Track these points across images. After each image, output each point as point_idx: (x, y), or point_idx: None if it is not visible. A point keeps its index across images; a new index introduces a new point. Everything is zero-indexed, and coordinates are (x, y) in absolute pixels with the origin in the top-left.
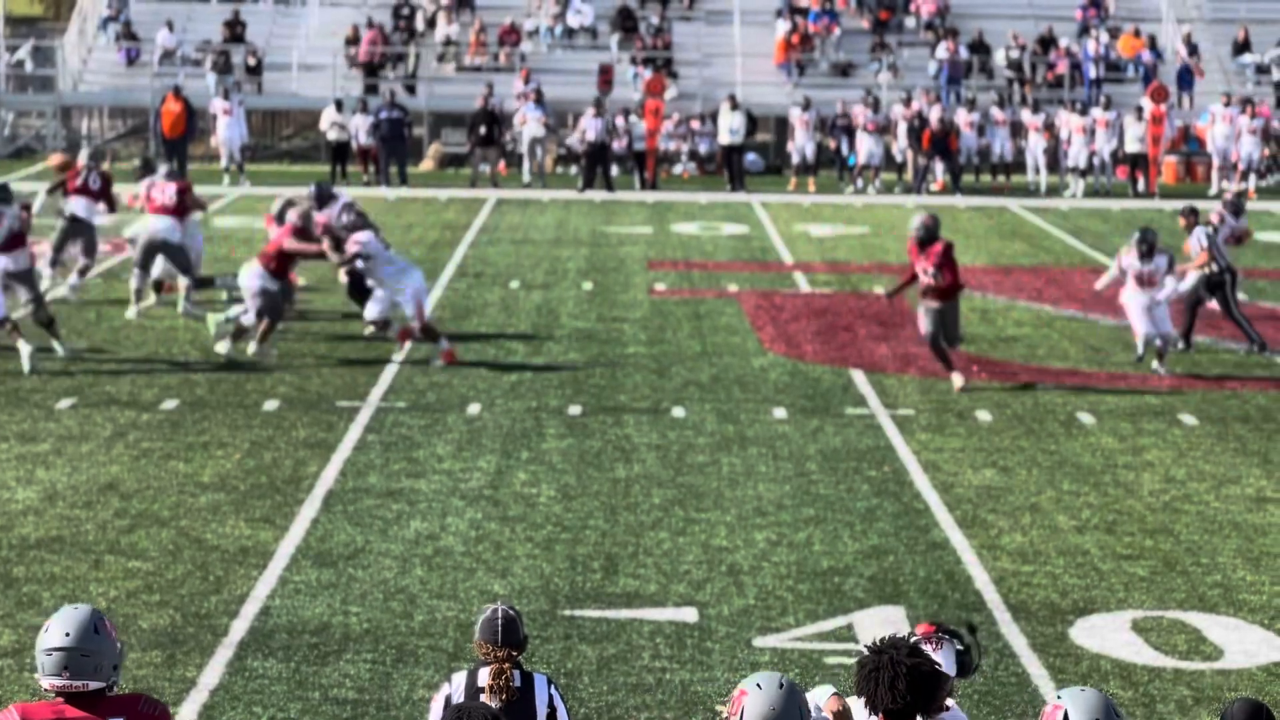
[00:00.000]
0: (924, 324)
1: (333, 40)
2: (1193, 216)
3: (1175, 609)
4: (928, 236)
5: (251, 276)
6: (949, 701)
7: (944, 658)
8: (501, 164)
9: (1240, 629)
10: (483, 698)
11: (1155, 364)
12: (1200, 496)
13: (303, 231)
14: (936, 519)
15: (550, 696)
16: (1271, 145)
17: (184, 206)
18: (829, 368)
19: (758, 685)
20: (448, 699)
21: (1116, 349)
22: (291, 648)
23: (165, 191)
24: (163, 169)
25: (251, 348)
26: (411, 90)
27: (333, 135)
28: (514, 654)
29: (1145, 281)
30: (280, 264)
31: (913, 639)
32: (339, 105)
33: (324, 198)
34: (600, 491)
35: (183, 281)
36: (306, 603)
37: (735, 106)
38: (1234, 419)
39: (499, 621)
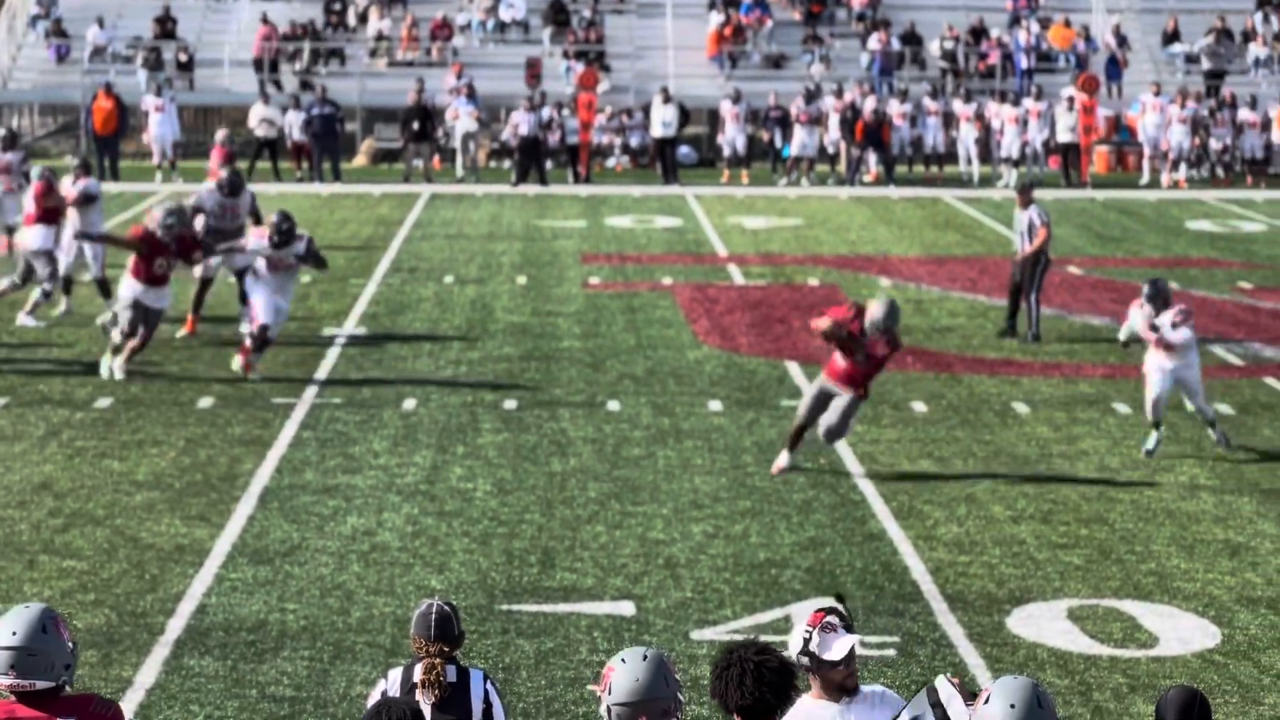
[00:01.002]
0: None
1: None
2: (1028, 193)
3: (1111, 597)
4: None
5: (125, 287)
6: (878, 686)
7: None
8: (436, 159)
9: (1175, 616)
10: (417, 693)
11: (1212, 434)
12: (1135, 485)
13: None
14: (873, 510)
15: (486, 692)
16: (1201, 134)
17: (48, 211)
18: (764, 360)
19: (623, 660)
20: (383, 694)
21: (1049, 339)
22: (228, 646)
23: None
24: (35, 169)
25: (116, 365)
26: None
27: (261, 132)
28: (448, 649)
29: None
30: (147, 270)
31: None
32: (265, 100)
33: (237, 186)
34: (536, 486)
35: (36, 290)
36: (243, 600)
37: (668, 99)
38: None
39: (433, 617)
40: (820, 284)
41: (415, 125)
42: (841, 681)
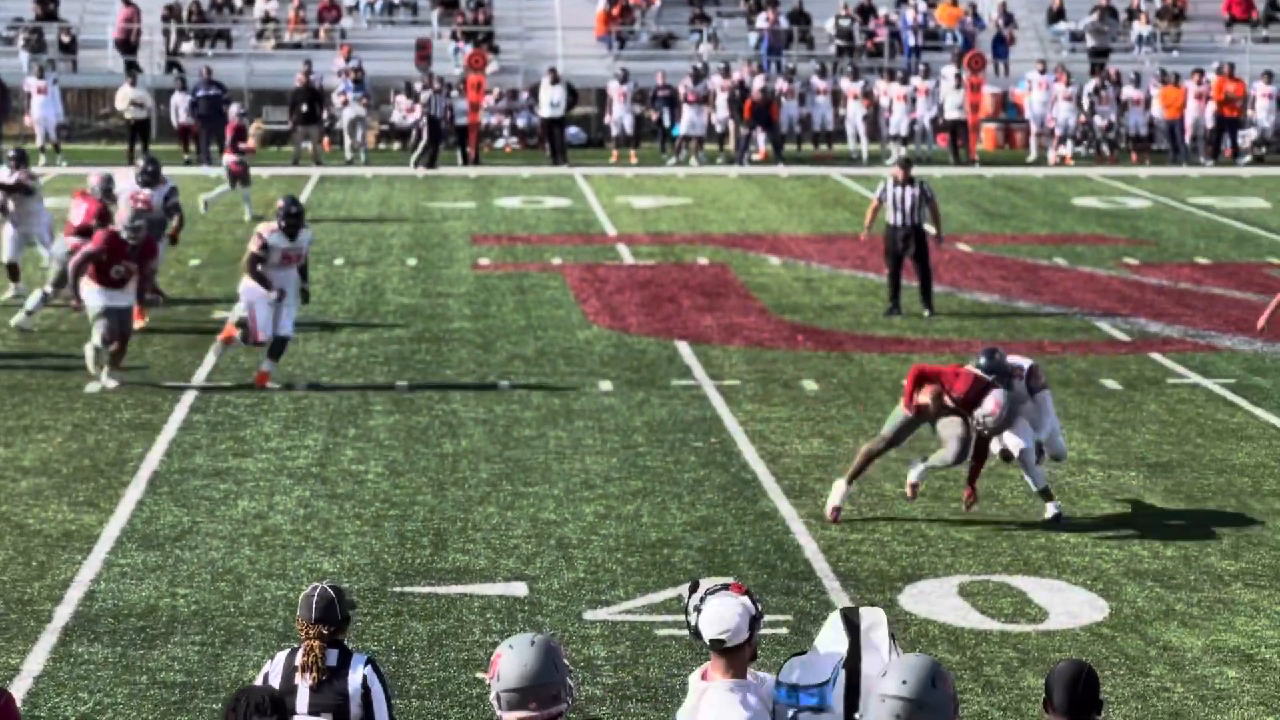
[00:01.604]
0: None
1: (147, 17)
2: (909, 168)
3: (1001, 573)
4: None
5: (90, 296)
6: (764, 674)
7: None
8: (325, 141)
9: (1064, 591)
10: (296, 676)
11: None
12: None
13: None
14: (764, 489)
15: (365, 676)
16: (1086, 111)
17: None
18: (654, 339)
19: (510, 646)
20: (265, 677)
21: (940, 316)
22: (118, 632)
23: None
24: None
25: (106, 377)
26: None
27: (130, 114)
28: (328, 632)
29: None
30: (106, 275)
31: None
32: (133, 82)
33: (154, 176)
34: (428, 467)
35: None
36: (132, 586)
37: (556, 80)
38: (1055, 383)
39: (315, 599)
40: (709, 263)
41: (304, 107)
42: (755, 650)
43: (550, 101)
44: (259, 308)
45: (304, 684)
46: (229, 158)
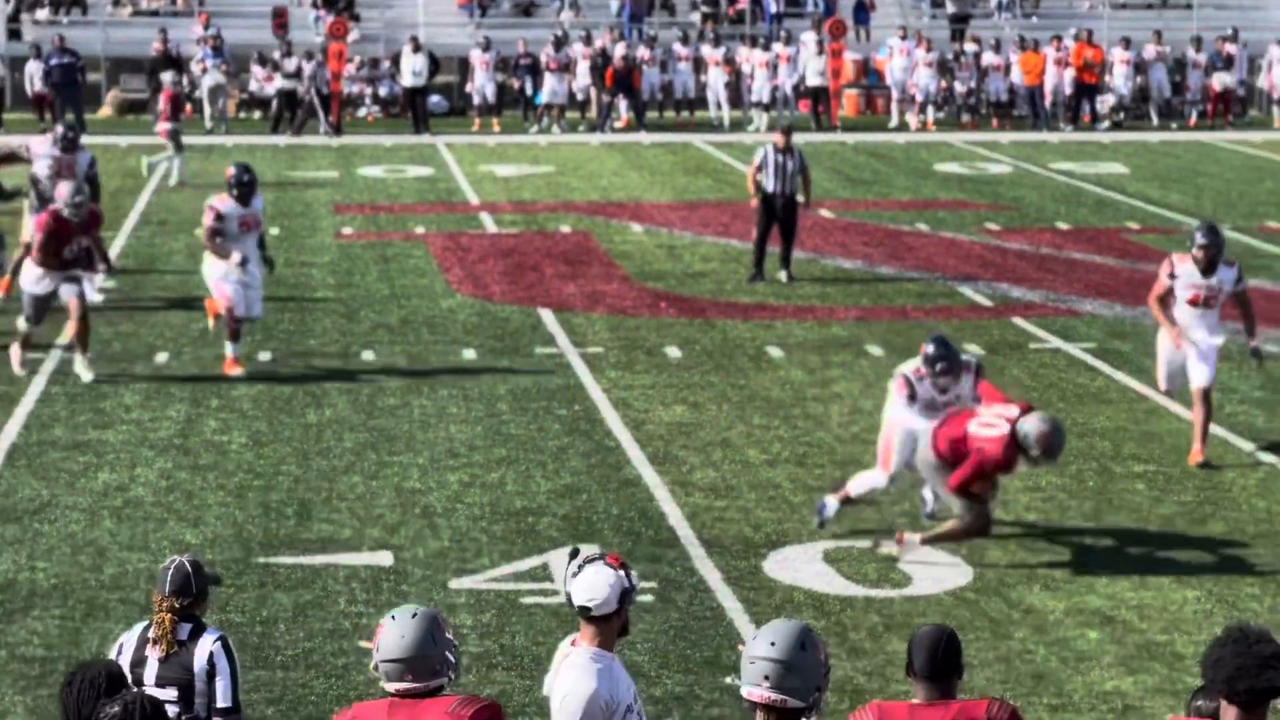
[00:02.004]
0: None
1: None
2: (788, 136)
3: (865, 539)
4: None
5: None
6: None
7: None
8: (188, 108)
9: (928, 555)
10: (148, 648)
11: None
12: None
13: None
14: (628, 456)
15: (211, 652)
16: (947, 77)
17: None
18: (517, 307)
19: (393, 618)
20: (120, 648)
21: (802, 282)
22: None
23: None
24: None
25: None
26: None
27: None
28: (181, 604)
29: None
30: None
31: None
32: None
33: (73, 143)
34: (292, 437)
35: None
36: None
37: (418, 48)
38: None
39: (170, 571)
40: (572, 231)
41: (162, 75)
42: (627, 623)
43: (412, 70)
44: (226, 286)
45: (154, 656)
46: (164, 125)
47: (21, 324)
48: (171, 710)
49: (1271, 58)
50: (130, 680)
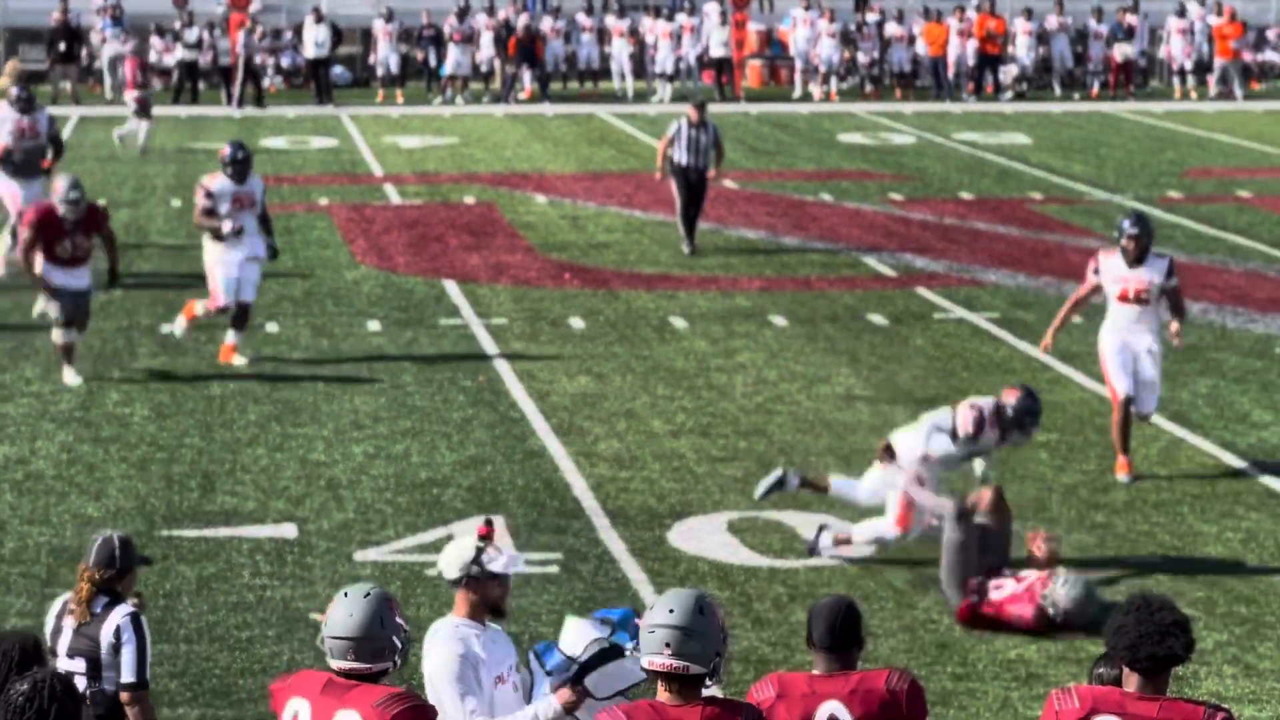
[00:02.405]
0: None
1: None
2: (702, 110)
3: (770, 509)
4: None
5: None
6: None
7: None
8: (98, 84)
9: (832, 526)
10: (65, 618)
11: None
12: (792, 397)
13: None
14: (533, 427)
15: (119, 626)
16: (850, 48)
17: None
18: (421, 279)
19: (345, 594)
20: (53, 617)
21: (705, 253)
22: None
23: None
24: None
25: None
26: None
27: None
28: (102, 576)
29: None
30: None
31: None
32: None
33: (30, 103)
34: (195, 409)
35: None
36: None
37: (320, 19)
38: (823, 319)
39: (97, 543)
40: (476, 202)
41: (61, 46)
42: (497, 601)
43: (315, 41)
44: (220, 269)
45: (68, 626)
46: (132, 94)
47: (57, 335)
48: (80, 682)
49: (1170, 29)
50: (48, 649)
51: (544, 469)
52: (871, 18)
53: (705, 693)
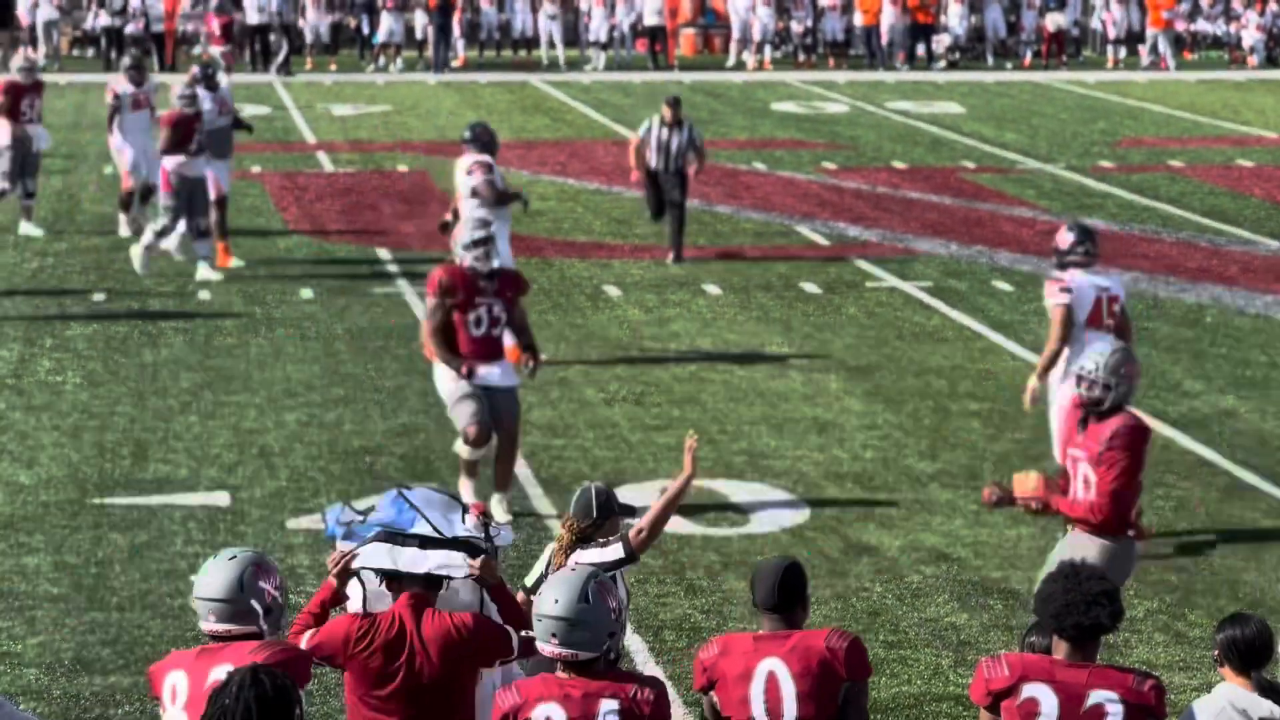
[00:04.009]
0: None
1: None
2: (675, 108)
3: (703, 477)
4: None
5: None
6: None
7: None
8: (38, 50)
9: (765, 494)
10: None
11: None
12: (725, 365)
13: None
14: None
15: None
16: (784, 17)
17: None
18: (355, 246)
19: (213, 557)
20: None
21: (638, 221)
22: None
23: None
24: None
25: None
26: None
27: None
28: (580, 526)
29: None
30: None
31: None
32: None
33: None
34: (128, 377)
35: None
36: None
37: None
38: (756, 288)
39: (576, 494)
40: (409, 170)
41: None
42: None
43: (256, 7)
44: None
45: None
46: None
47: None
48: None
49: None
50: None
51: None
52: None
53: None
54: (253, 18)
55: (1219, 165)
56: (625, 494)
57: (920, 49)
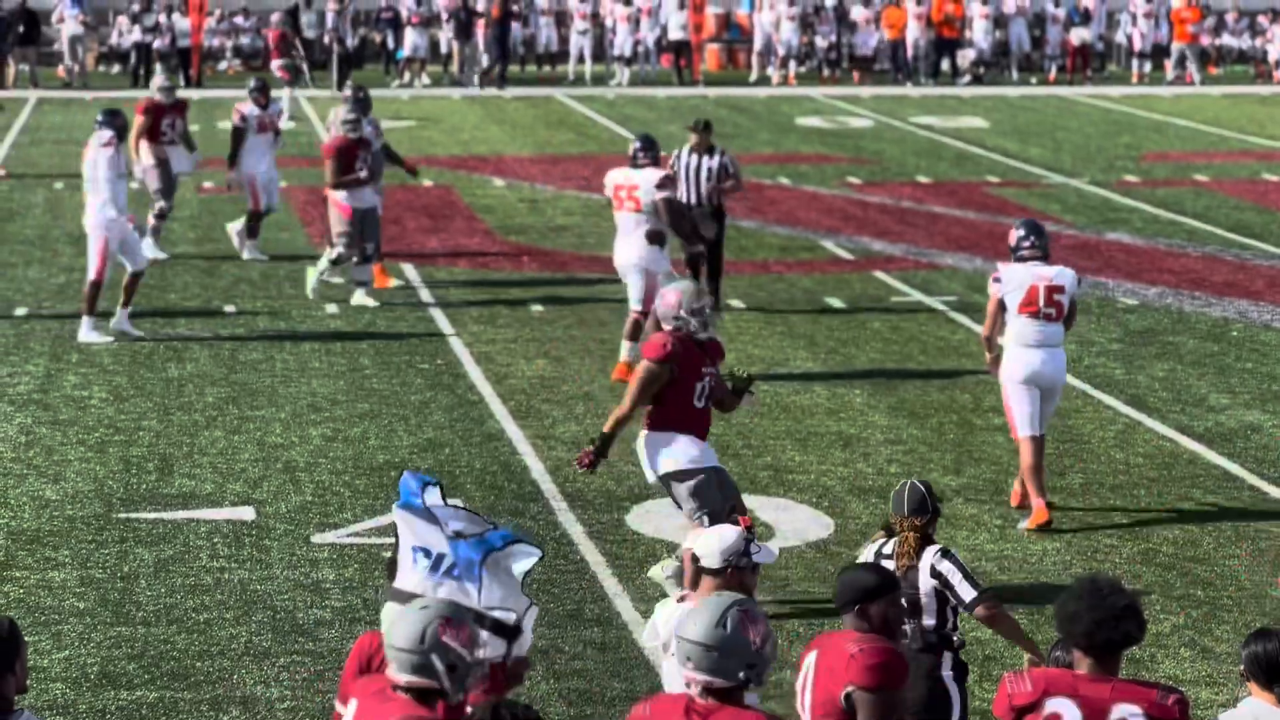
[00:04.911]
0: None
1: None
2: (705, 133)
3: None
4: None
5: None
6: None
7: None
8: (62, 70)
9: (790, 509)
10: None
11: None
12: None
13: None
14: (491, 410)
15: (933, 566)
16: (810, 32)
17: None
18: (380, 261)
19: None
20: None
21: None
22: None
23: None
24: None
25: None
26: None
27: None
28: (922, 523)
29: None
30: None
31: None
32: None
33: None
34: (153, 392)
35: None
36: None
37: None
38: (780, 302)
39: (904, 492)
40: (434, 184)
41: (20, 28)
42: (752, 589)
43: (310, 24)
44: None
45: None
46: (277, 62)
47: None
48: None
49: (1137, 10)
50: None
51: (502, 452)
52: (829, 1)
53: (749, 698)
54: (310, 34)
55: (1244, 179)
56: (649, 508)
57: (944, 63)
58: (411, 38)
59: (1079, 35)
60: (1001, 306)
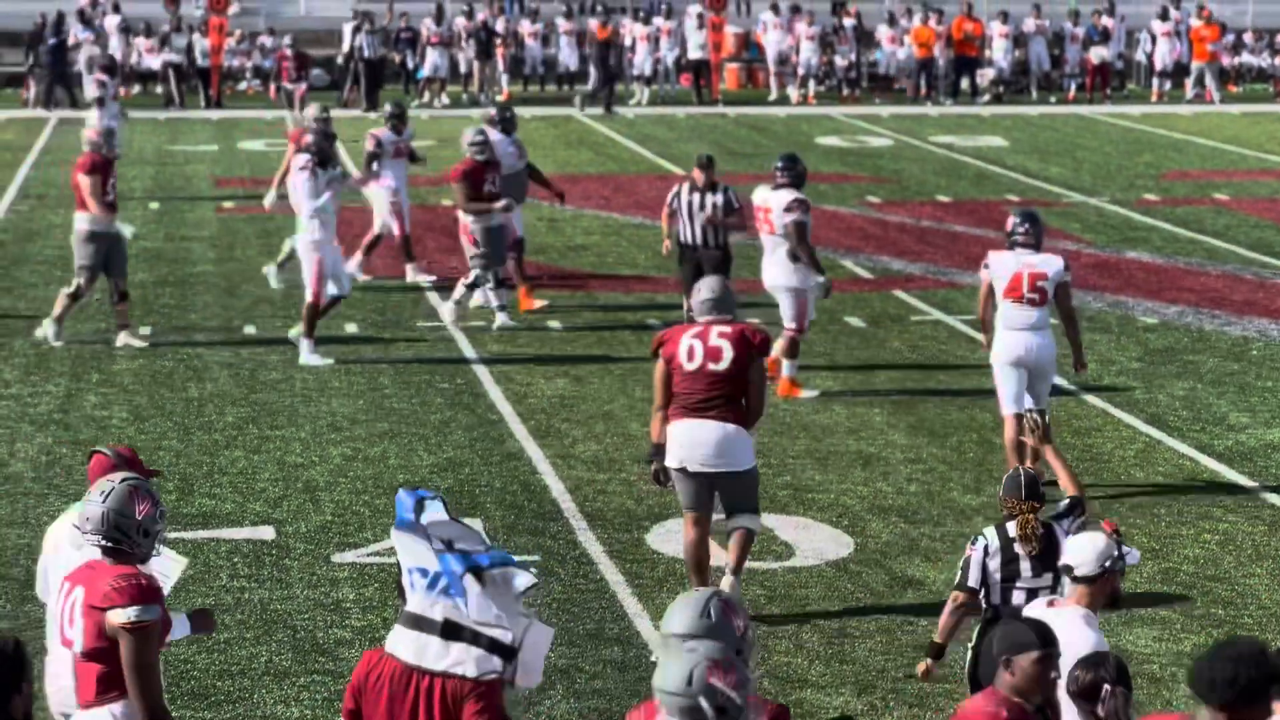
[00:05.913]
0: None
1: None
2: (708, 170)
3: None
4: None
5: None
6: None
7: None
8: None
9: (809, 528)
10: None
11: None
12: (769, 399)
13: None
14: (511, 430)
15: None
16: (829, 51)
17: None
18: (400, 281)
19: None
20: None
21: None
22: None
23: None
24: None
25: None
26: None
27: None
28: (1034, 508)
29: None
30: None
31: None
32: None
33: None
34: (174, 412)
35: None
36: None
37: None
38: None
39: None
40: (453, 203)
41: (41, 48)
42: (1119, 592)
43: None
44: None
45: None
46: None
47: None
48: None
49: (1155, 30)
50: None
51: (522, 471)
52: (848, 21)
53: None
54: (368, 54)
55: (1264, 198)
56: (670, 527)
57: (964, 83)
58: (432, 58)
59: (1098, 54)
60: (992, 291)
